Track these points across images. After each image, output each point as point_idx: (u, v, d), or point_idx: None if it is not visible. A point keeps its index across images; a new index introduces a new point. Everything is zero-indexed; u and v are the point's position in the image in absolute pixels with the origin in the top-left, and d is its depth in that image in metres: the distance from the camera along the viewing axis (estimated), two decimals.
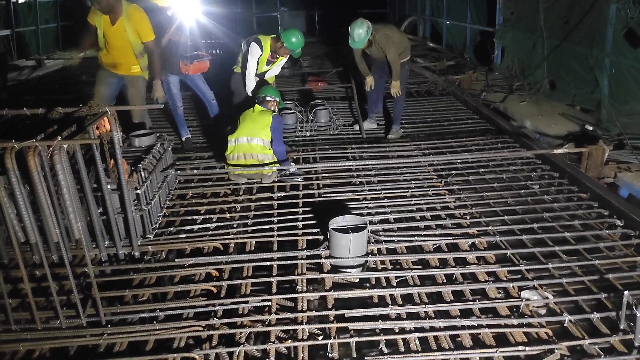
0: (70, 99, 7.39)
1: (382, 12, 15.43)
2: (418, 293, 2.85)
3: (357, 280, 3.06)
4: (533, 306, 2.75)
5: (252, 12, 16.09)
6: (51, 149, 2.34)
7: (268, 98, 4.62)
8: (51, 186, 2.56)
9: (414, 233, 3.45)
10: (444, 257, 3.18)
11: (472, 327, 2.54)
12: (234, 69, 5.26)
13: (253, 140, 4.22)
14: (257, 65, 4.99)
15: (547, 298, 2.78)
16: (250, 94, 5.01)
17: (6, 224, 2.95)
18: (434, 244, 3.32)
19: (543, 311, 2.76)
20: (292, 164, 4.48)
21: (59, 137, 2.37)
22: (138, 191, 3.36)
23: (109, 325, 2.60)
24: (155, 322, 2.63)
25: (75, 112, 2.82)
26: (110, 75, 4.77)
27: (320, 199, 4.04)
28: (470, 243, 3.31)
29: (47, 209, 2.37)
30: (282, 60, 5.25)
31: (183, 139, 5.41)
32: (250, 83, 5.01)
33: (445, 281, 2.96)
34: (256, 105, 4.50)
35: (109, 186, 3.10)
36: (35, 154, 2.29)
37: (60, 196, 2.68)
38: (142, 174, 3.53)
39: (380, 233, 3.46)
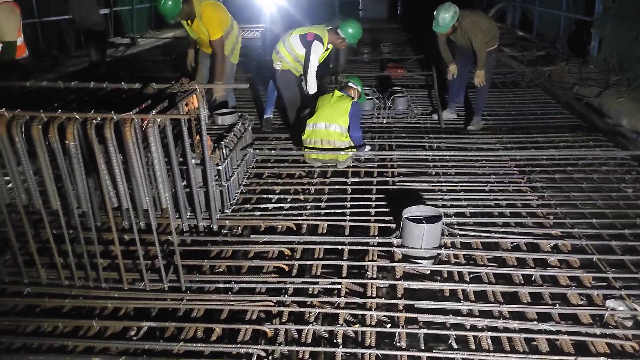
0: (160, 76, 7.81)
1: None
2: (492, 291, 2.76)
3: (429, 272, 3.00)
4: (618, 317, 2.57)
5: None
6: (146, 122, 2.48)
7: (350, 84, 4.60)
8: (143, 157, 2.72)
9: (491, 229, 3.32)
10: (523, 256, 3.04)
11: (550, 332, 2.43)
12: (276, 66, 4.81)
13: (331, 127, 4.23)
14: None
15: (635, 310, 2.59)
16: (312, 92, 4.74)
17: (101, 190, 3.20)
18: (512, 242, 3.18)
19: (629, 323, 2.57)
20: (368, 147, 4.46)
21: (153, 112, 2.51)
22: (219, 167, 3.49)
23: (188, 292, 2.74)
24: (230, 293, 2.74)
25: (168, 89, 2.96)
26: (206, 55, 5.11)
27: (394, 187, 3.99)
28: (552, 244, 3.15)
29: (139, 178, 2.53)
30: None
31: (265, 117, 5.48)
32: (314, 82, 4.73)
33: (522, 282, 2.83)
34: (335, 90, 4.50)
35: (193, 161, 3.24)
36: (132, 126, 2.44)
37: (151, 167, 2.85)
38: (224, 151, 3.66)
39: (455, 226, 3.37)
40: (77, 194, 2.63)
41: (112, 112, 2.44)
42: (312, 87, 4.74)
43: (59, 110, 2.44)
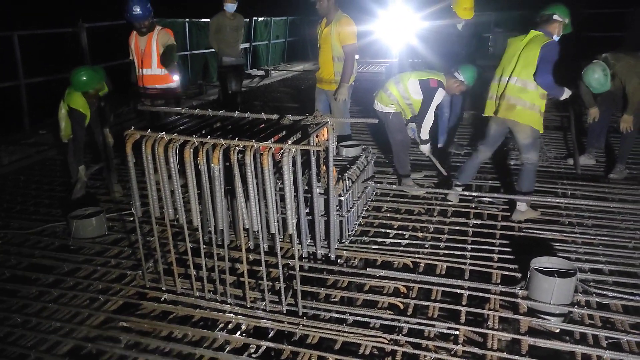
0: (287, 106, 8.29)
1: (618, 36, 13.35)
2: None
3: (558, 330, 2.76)
4: None
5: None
6: (281, 151, 2.65)
7: (555, 16, 3.68)
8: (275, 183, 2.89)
9: (634, 292, 2.98)
10: None
11: None
12: (388, 108, 4.47)
13: (512, 80, 3.77)
14: None
15: None
16: (424, 138, 4.54)
17: (233, 211, 3.45)
18: None
19: None
20: (566, 89, 3.84)
21: (289, 142, 2.67)
22: (341, 198, 3.58)
23: (305, 317, 2.81)
24: (344, 324, 2.75)
25: (301, 121, 3.14)
26: (321, 91, 5.31)
27: (521, 233, 3.77)
28: None
29: (271, 203, 2.69)
30: None
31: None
32: (428, 128, 4.49)
33: None
34: (531, 31, 3.77)
35: (317, 190, 3.36)
36: (269, 154, 2.62)
37: (282, 193, 3.01)
38: (347, 182, 3.75)
39: (591, 283, 3.08)
40: (214, 212, 2.86)
41: (253, 140, 2.64)
42: (425, 134, 4.52)
43: (208, 137, 2.70)
